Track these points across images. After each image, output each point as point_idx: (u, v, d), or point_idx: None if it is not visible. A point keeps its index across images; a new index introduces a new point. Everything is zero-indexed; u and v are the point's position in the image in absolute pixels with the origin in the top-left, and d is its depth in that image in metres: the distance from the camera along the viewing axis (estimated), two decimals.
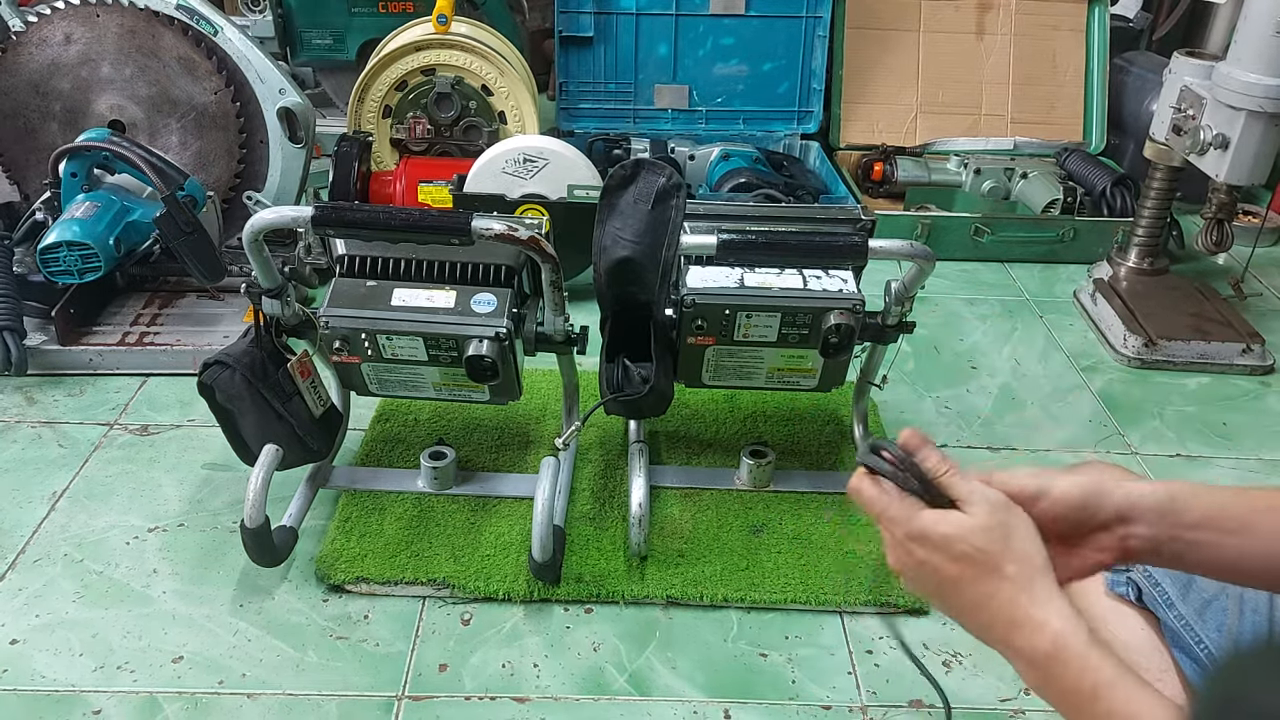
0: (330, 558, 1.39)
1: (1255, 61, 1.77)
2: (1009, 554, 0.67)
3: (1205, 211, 2.01)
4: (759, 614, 1.37)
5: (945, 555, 0.68)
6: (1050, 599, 0.65)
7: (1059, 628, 0.64)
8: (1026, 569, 0.66)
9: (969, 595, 0.69)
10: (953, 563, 0.68)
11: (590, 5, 2.56)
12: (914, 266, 1.35)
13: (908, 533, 0.70)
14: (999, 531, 0.67)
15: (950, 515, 0.69)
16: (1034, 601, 0.65)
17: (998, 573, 0.67)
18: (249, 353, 1.36)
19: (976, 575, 0.67)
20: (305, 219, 1.24)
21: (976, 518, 0.68)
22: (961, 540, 0.68)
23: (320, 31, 2.64)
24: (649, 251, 1.35)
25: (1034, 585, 0.66)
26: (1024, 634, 0.66)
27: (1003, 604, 0.67)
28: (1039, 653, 0.65)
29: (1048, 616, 0.65)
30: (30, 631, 1.29)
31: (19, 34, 1.92)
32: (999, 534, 0.67)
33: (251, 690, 1.22)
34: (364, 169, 2.17)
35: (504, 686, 1.24)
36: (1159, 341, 1.99)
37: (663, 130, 2.67)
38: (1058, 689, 0.65)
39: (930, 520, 0.69)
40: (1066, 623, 0.64)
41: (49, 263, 1.73)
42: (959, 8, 2.73)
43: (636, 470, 1.47)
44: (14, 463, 1.59)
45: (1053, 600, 0.65)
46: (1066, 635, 0.64)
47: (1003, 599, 0.67)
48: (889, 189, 2.61)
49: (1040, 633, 0.65)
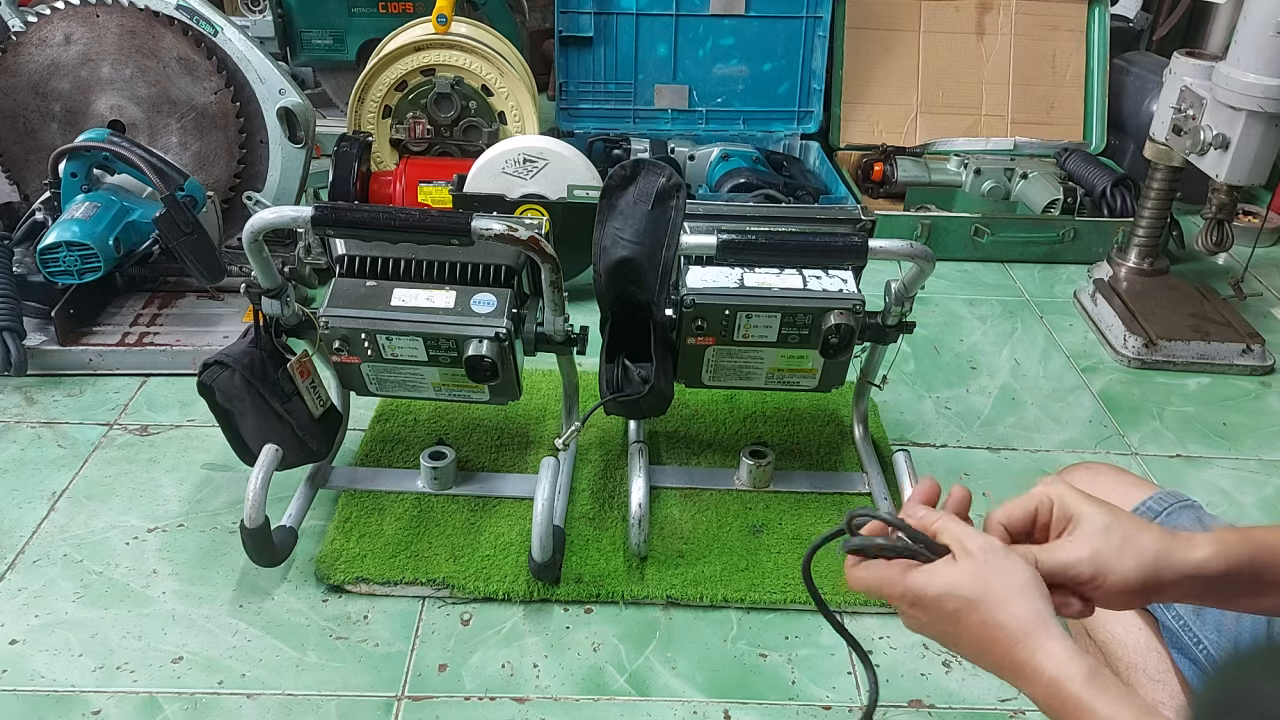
0: (330, 558, 1.39)
1: (1255, 61, 1.77)
2: (998, 601, 0.67)
3: (1205, 212, 2.01)
4: (759, 614, 1.37)
5: (940, 613, 0.69)
6: (1041, 646, 0.65)
7: (1051, 675, 0.64)
8: (1019, 616, 0.67)
9: (973, 644, 0.69)
10: (948, 620, 0.69)
11: (590, 5, 2.56)
12: (914, 267, 1.35)
13: (904, 594, 0.71)
14: (983, 577, 0.68)
15: (938, 573, 0.69)
16: (1025, 649, 0.66)
17: (990, 620, 0.67)
18: (249, 353, 1.36)
19: (972, 627, 0.68)
20: (305, 219, 1.24)
21: (962, 567, 0.69)
22: (951, 596, 0.68)
23: (320, 31, 2.64)
24: (649, 252, 1.35)
25: (1024, 632, 0.66)
26: (1025, 679, 0.66)
27: (1001, 652, 0.67)
28: (1039, 697, 0.66)
29: (1041, 664, 0.65)
30: (30, 632, 1.29)
31: (19, 34, 1.92)
32: (984, 579, 0.68)
33: (251, 690, 1.22)
34: (364, 169, 2.17)
35: (504, 687, 1.24)
36: (1159, 342, 1.99)
37: (663, 130, 2.67)
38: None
39: (920, 583, 0.70)
40: (1059, 668, 0.64)
41: (49, 263, 1.73)
42: (959, 8, 2.73)
43: (636, 470, 1.47)
44: (14, 463, 1.59)
45: (1044, 646, 0.65)
46: (1059, 683, 0.64)
47: (1000, 645, 0.67)
48: (889, 189, 2.61)
49: (1036, 680, 0.65)
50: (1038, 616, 0.66)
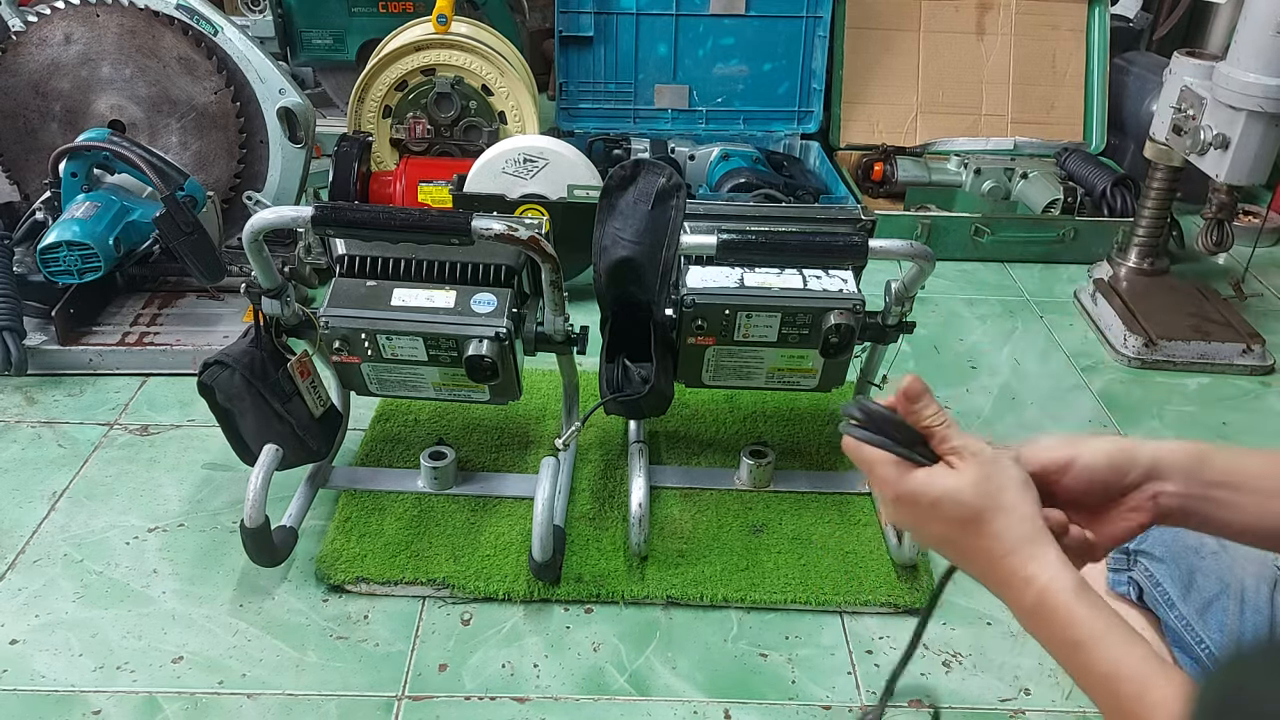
0: (330, 558, 1.39)
1: (1255, 61, 1.77)
2: (997, 510, 0.67)
3: (1205, 211, 2.01)
4: (759, 614, 1.37)
5: (934, 515, 0.69)
6: (1036, 554, 0.66)
7: (1044, 583, 0.65)
8: (1014, 523, 0.67)
9: (960, 550, 0.70)
10: (942, 522, 0.69)
11: (590, 5, 2.56)
12: (914, 266, 1.35)
13: (898, 494, 0.71)
14: (985, 486, 0.68)
15: (937, 476, 0.69)
16: (1020, 556, 0.66)
17: (986, 529, 0.67)
18: (249, 353, 1.36)
19: (965, 532, 0.68)
20: (305, 219, 1.24)
21: (964, 475, 0.68)
22: (949, 500, 0.68)
23: (320, 31, 2.64)
24: (649, 252, 1.35)
25: (1021, 539, 0.67)
26: (1011, 588, 0.67)
27: (991, 559, 0.68)
28: (1025, 606, 0.66)
29: (1033, 571, 0.66)
30: (30, 631, 1.29)
31: (19, 34, 1.92)
32: (986, 489, 0.68)
33: (251, 690, 1.22)
34: (364, 169, 2.17)
35: (504, 686, 1.24)
36: (1159, 342, 1.99)
37: (663, 130, 2.67)
38: (1045, 639, 0.66)
39: (919, 482, 0.70)
40: (1053, 578, 0.65)
41: (49, 263, 1.73)
42: (959, 8, 2.73)
43: (636, 470, 1.47)
44: (14, 463, 1.59)
45: (1039, 554, 0.66)
46: (1051, 591, 0.65)
47: (991, 554, 0.68)
48: (889, 189, 2.61)
49: (1027, 588, 0.66)
50: (1034, 526, 0.67)
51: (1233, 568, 1.02)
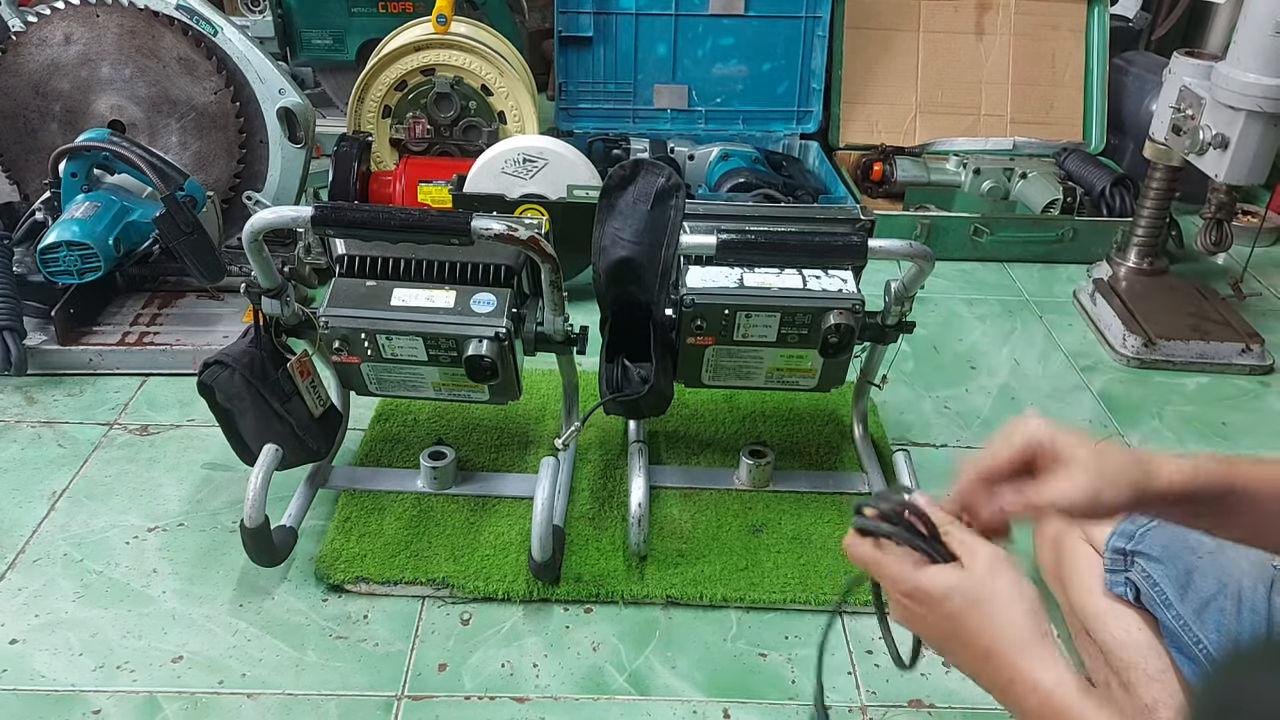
0: (330, 558, 1.39)
1: (1255, 61, 1.78)
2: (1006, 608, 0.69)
3: (1205, 211, 2.01)
4: (759, 614, 1.37)
5: (941, 611, 0.70)
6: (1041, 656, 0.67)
7: (1051, 686, 0.66)
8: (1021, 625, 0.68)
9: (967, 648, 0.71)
10: (948, 619, 0.70)
11: (590, 5, 2.56)
12: (913, 266, 1.35)
13: (904, 591, 0.72)
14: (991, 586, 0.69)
15: (943, 574, 0.71)
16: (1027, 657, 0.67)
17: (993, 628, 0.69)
18: (249, 353, 1.36)
19: (971, 629, 0.69)
20: (305, 219, 1.24)
21: (971, 574, 0.70)
22: (956, 597, 0.70)
23: (320, 31, 2.64)
24: (648, 251, 1.35)
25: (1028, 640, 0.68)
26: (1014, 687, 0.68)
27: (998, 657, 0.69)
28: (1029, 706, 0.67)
29: (1040, 675, 0.67)
30: (30, 631, 1.29)
31: (19, 34, 1.92)
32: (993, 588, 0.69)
33: (251, 690, 1.22)
34: (364, 169, 2.17)
35: (503, 686, 1.24)
36: (1158, 341, 1.99)
37: (662, 130, 2.67)
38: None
39: (926, 579, 0.71)
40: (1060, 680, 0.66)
41: (49, 263, 1.73)
42: (959, 8, 2.73)
43: (636, 470, 1.47)
44: (14, 463, 1.59)
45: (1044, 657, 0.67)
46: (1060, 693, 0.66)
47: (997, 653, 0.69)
48: (888, 189, 2.61)
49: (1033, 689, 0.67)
50: (1039, 629, 0.68)
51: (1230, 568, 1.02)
